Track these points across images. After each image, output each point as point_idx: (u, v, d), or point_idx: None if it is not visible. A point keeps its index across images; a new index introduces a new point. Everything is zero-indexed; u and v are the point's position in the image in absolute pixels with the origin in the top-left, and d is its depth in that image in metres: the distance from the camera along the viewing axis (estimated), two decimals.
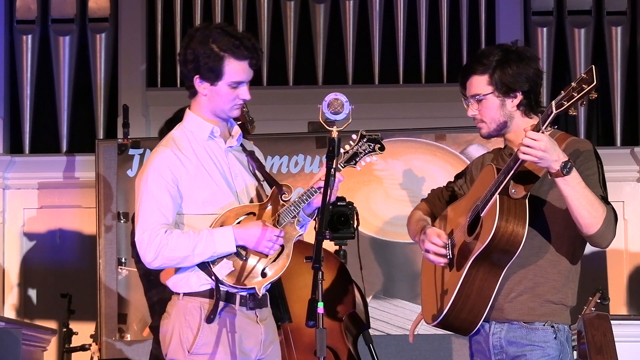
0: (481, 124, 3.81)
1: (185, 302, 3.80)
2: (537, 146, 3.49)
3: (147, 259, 3.77)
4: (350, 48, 7.75)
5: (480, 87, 3.76)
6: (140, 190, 3.80)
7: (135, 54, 7.77)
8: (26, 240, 7.57)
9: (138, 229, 3.77)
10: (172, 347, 3.81)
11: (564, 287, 3.74)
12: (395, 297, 6.65)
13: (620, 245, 7.31)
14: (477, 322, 3.72)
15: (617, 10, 7.68)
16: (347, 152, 3.84)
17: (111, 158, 6.81)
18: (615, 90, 7.60)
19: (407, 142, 6.75)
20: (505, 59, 3.75)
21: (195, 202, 3.80)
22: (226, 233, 3.74)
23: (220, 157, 3.87)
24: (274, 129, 6.86)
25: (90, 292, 6.83)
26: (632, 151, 7.46)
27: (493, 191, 3.64)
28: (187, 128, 3.89)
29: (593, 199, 3.56)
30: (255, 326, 3.84)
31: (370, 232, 6.71)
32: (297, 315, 4.81)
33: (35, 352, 6.39)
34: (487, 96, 3.76)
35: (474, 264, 3.66)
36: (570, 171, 3.51)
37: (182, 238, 3.73)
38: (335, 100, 3.82)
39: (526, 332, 3.72)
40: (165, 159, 3.80)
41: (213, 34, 3.79)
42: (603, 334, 4.99)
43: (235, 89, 3.81)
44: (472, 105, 3.81)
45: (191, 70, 3.81)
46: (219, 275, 3.76)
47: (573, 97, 3.44)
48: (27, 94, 7.70)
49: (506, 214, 3.60)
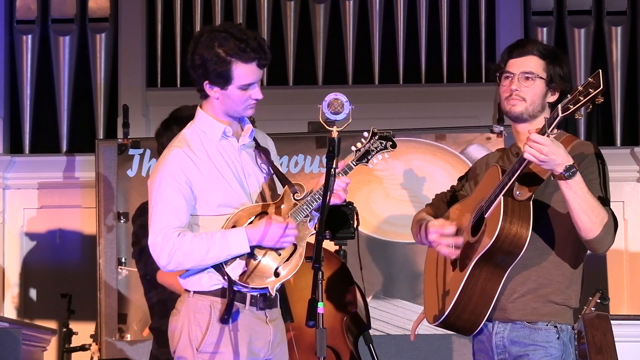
0: (520, 102, 3.78)
1: (195, 300, 3.79)
2: (541, 148, 3.50)
3: (161, 262, 3.74)
4: (350, 48, 7.75)
5: (537, 67, 3.79)
6: (152, 193, 3.77)
7: (135, 54, 7.77)
8: (26, 240, 7.57)
9: (151, 233, 3.74)
10: (180, 345, 3.79)
11: (568, 288, 3.75)
12: (395, 297, 6.65)
13: (620, 245, 7.31)
14: (479, 322, 3.72)
15: (617, 10, 7.68)
16: (359, 150, 3.84)
17: (111, 158, 6.81)
18: (615, 90, 7.60)
19: (407, 142, 6.75)
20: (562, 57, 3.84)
21: (208, 204, 3.78)
22: (239, 234, 3.72)
23: (234, 157, 3.84)
24: (273, 129, 6.80)
25: (90, 292, 6.83)
26: (632, 151, 7.46)
27: (497, 192, 3.64)
28: (199, 127, 3.86)
29: (595, 204, 3.57)
30: (264, 326, 3.83)
31: (370, 232, 6.70)
32: (298, 315, 4.81)
33: (35, 352, 6.39)
34: (539, 80, 3.77)
35: (477, 264, 3.66)
36: (574, 175, 3.52)
37: (196, 241, 3.70)
38: (335, 100, 3.81)
39: (529, 332, 3.72)
40: (177, 160, 3.77)
41: (218, 37, 3.74)
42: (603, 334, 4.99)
43: (246, 91, 3.78)
44: (518, 80, 3.79)
45: (200, 75, 3.77)
46: (232, 275, 3.73)
47: (580, 101, 3.46)
48: (27, 94, 7.70)
49: (510, 216, 3.61)
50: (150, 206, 3.78)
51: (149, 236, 3.75)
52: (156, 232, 3.72)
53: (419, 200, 6.62)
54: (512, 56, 3.82)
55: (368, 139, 3.86)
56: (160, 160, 3.84)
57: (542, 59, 3.80)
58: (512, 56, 3.82)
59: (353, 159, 3.83)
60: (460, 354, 6.49)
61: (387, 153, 3.87)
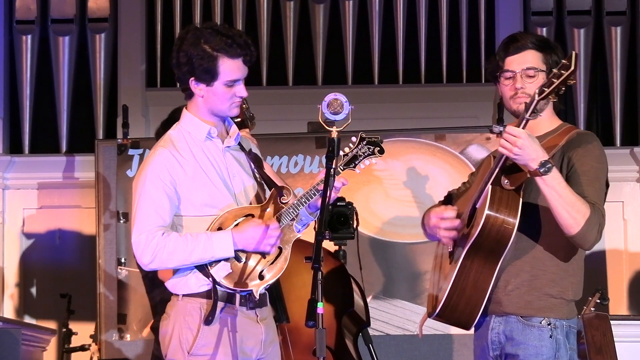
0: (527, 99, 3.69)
1: (184, 302, 3.80)
2: (514, 141, 3.51)
3: (143, 261, 3.75)
4: (349, 48, 7.75)
5: (536, 61, 3.76)
6: (137, 192, 3.79)
7: (134, 54, 7.77)
8: (26, 240, 7.56)
9: (135, 231, 3.75)
10: (171, 348, 3.80)
11: (563, 280, 3.72)
12: (395, 297, 6.65)
13: (619, 245, 7.30)
14: (474, 315, 3.71)
15: (617, 11, 7.68)
16: (346, 155, 3.83)
17: (111, 158, 6.81)
18: (615, 90, 7.60)
19: (407, 142, 6.75)
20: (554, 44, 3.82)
21: (193, 204, 3.79)
22: (225, 238, 3.73)
23: (218, 158, 3.86)
24: (273, 129, 6.86)
25: (90, 292, 6.83)
26: (632, 151, 7.46)
27: (486, 181, 3.65)
28: (185, 128, 3.88)
29: (574, 200, 3.55)
30: (255, 326, 3.84)
31: (370, 233, 6.71)
32: (295, 315, 4.81)
33: (35, 352, 6.39)
34: (541, 73, 3.74)
35: (467, 255, 3.66)
36: (549, 171, 3.51)
37: (180, 241, 3.72)
38: (335, 100, 3.81)
39: (522, 327, 3.71)
40: (163, 160, 3.79)
41: (204, 34, 3.77)
42: (603, 334, 4.99)
43: (231, 88, 3.80)
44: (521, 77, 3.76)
45: (186, 72, 3.79)
46: (217, 277, 3.75)
47: (553, 83, 3.47)
48: (27, 94, 7.70)
49: (497, 205, 3.60)
50: (134, 204, 3.79)
51: (133, 234, 3.76)
52: (140, 230, 3.73)
53: (419, 201, 6.63)
54: (509, 53, 3.79)
55: (356, 143, 3.85)
56: (146, 160, 3.85)
57: (540, 51, 3.77)
58: (509, 53, 3.79)
59: (340, 164, 3.82)
60: (460, 354, 6.49)
61: (374, 158, 3.85)
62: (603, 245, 7.19)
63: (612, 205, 7.40)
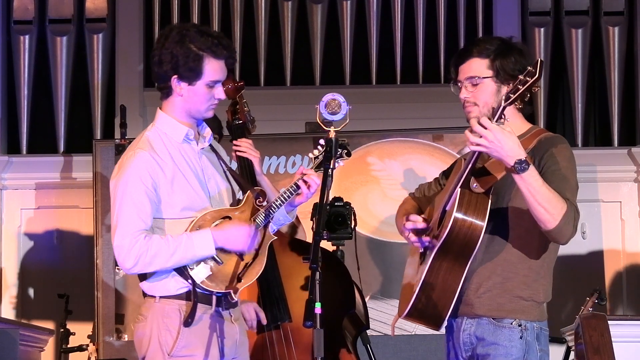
0: (473, 107, 3.80)
1: (162, 304, 3.81)
2: (485, 134, 3.53)
3: (126, 265, 3.75)
4: (347, 48, 7.75)
5: (479, 69, 3.78)
6: (117, 194, 3.77)
7: (132, 55, 7.77)
8: (24, 240, 7.56)
9: (117, 235, 3.74)
10: (150, 350, 3.81)
11: (535, 282, 3.76)
12: (393, 297, 6.65)
13: (617, 245, 7.31)
14: (443, 316, 3.74)
15: (615, 11, 7.68)
16: (317, 158, 3.87)
17: (108, 158, 6.81)
18: (613, 90, 7.60)
19: (405, 143, 6.75)
20: (507, 48, 3.81)
21: (172, 207, 3.80)
22: (205, 236, 3.75)
23: (195, 160, 3.88)
24: (271, 130, 6.86)
25: (88, 293, 6.83)
26: (630, 151, 7.46)
27: (456, 184, 3.67)
28: (161, 129, 3.88)
29: (551, 196, 3.58)
30: (231, 326, 3.87)
31: (368, 233, 6.71)
32: (297, 315, 4.82)
33: (33, 353, 6.38)
34: (485, 80, 3.77)
35: (436, 256, 3.69)
36: (526, 169, 3.54)
37: (162, 244, 3.72)
38: (333, 100, 3.83)
39: (493, 329, 3.74)
40: (143, 162, 3.78)
41: (190, 34, 3.79)
42: (600, 334, 4.99)
43: (212, 89, 3.83)
44: (466, 87, 3.81)
45: (168, 70, 3.80)
46: (197, 279, 3.77)
47: (518, 90, 3.53)
48: (25, 95, 7.70)
49: (465, 207, 3.63)
50: (115, 207, 3.78)
51: (115, 238, 3.75)
52: (123, 235, 3.73)
53: None
54: (457, 63, 3.85)
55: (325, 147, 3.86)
56: (123, 162, 3.83)
57: (484, 58, 3.78)
58: (456, 63, 3.85)
59: (311, 166, 3.87)
60: None
61: (342, 161, 3.87)
62: (601, 245, 7.20)
63: (609, 205, 7.41)
